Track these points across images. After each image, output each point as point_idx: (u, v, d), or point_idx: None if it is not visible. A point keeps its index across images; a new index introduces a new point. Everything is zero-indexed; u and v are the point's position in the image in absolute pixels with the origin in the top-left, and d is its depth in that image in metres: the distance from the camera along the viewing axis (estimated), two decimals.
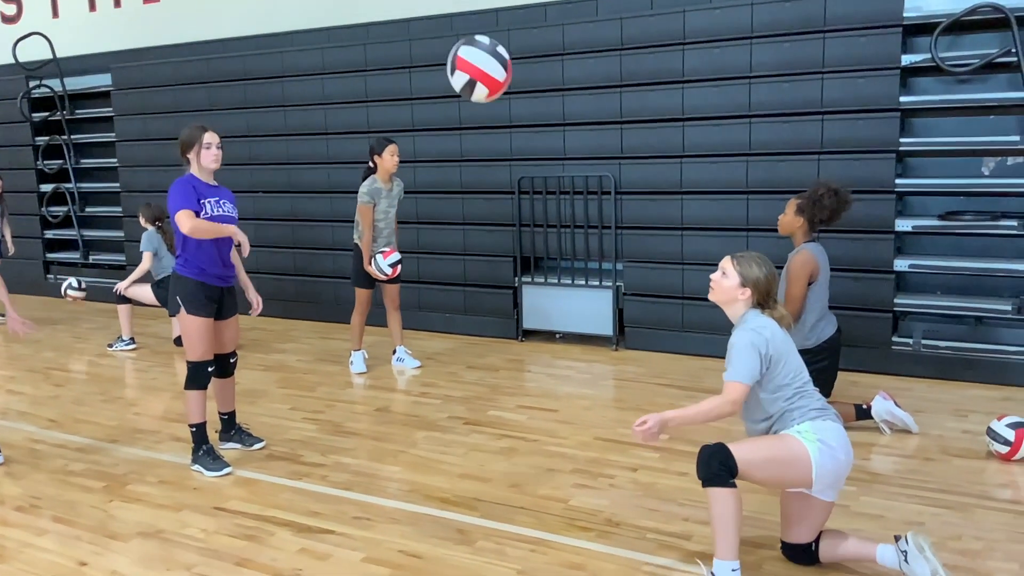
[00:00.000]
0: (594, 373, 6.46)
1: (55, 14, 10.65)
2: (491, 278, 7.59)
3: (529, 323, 7.42)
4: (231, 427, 4.91)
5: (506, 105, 7.29)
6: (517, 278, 7.44)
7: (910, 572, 3.03)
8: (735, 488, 3.03)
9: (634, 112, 6.82)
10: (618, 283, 7.03)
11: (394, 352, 6.68)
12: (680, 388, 5.85)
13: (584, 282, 7.12)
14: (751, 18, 6.28)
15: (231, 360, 4.77)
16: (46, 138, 10.48)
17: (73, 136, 10.36)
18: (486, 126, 7.44)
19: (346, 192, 7.82)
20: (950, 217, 5.92)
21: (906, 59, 5.90)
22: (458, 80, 4.35)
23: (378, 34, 8.28)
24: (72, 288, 7.95)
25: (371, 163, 6.26)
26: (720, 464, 3.02)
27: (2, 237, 8.80)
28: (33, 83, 10.35)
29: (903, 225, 6.00)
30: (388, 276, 6.23)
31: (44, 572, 3.51)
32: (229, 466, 4.53)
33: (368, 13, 8.39)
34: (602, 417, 5.30)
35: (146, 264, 7.25)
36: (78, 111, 10.36)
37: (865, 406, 4.83)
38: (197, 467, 4.56)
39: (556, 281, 7.26)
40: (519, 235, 7.37)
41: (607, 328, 7.07)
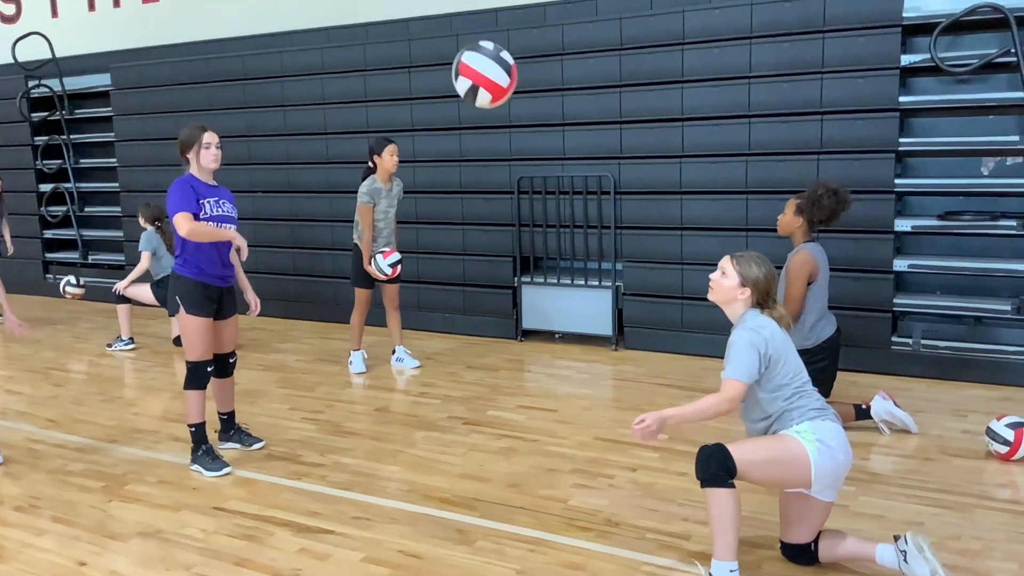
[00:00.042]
0: (593, 373, 6.46)
1: (54, 14, 10.64)
2: (490, 278, 7.59)
3: (528, 323, 7.42)
4: (230, 427, 4.90)
5: (505, 105, 7.23)
6: (516, 278, 7.43)
7: (909, 572, 3.03)
8: (734, 489, 3.03)
9: (633, 112, 6.82)
10: (617, 283, 7.03)
11: (393, 352, 6.67)
12: (680, 388, 5.85)
13: (583, 282, 7.12)
14: (750, 18, 6.28)
15: (230, 360, 4.77)
16: (45, 138, 10.48)
17: (72, 136, 10.35)
18: (485, 126, 7.44)
19: (345, 192, 7.82)
20: (949, 217, 5.92)
21: (905, 59, 5.91)
22: (461, 86, 4.40)
23: (377, 34, 8.28)
24: (71, 285, 7.95)
25: (370, 163, 6.26)
26: (719, 465, 3.02)
27: (1, 237, 8.81)
28: (32, 83, 10.34)
29: (902, 225, 6.01)
30: (388, 276, 6.23)
31: (43, 572, 3.51)
32: (228, 466, 4.53)
33: (367, 13, 8.39)
34: (601, 417, 5.30)
35: (144, 264, 7.25)
36: (77, 111, 10.36)
37: (864, 406, 4.83)
38: (196, 467, 4.55)
39: (556, 281, 7.26)
40: (518, 235, 7.36)
41: (606, 328, 7.07)
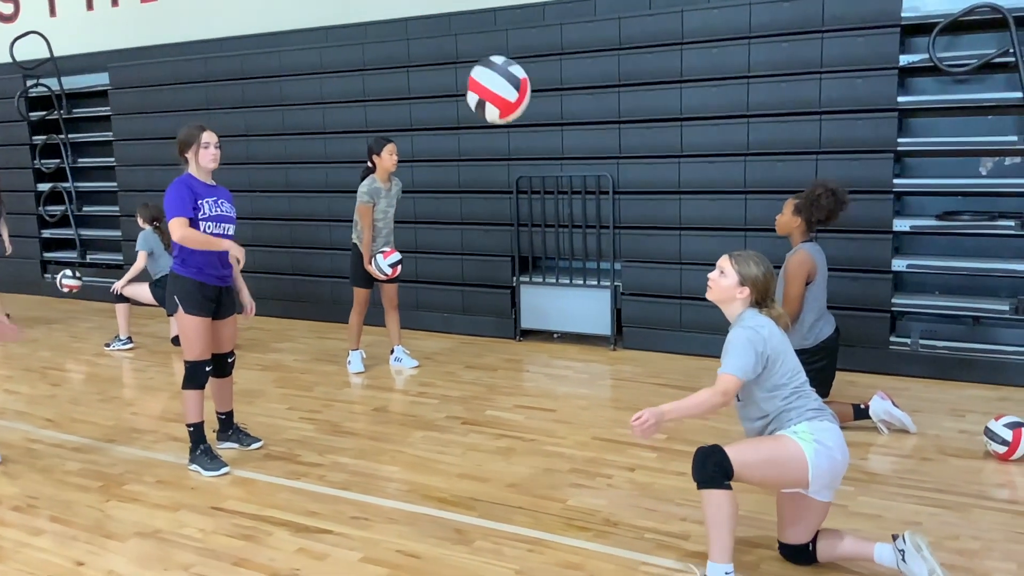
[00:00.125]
0: (592, 373, 6.46)
1: (52, 13, 10.63)
2: (489, 278, 7.58)
3: (527, 323, 7.42)
4: (229, 427, 4.90)
5: None
6: (515, 278, 7.43)
7: (907, 571, 3.03)
8: (730, 490, 3.02)
9: (632, 112, 6.82)
10: (616, 283, 7.03)
11: (392, 352, 6.67)
12: (678, 388, 5.85)
13: (582, 282, 7.12)
14: (749, 18, 6.28)
15: (229, 360, 4.77)
16: (43, 137, 10.47)
17: (70, 135, 10.34)
18: (484, 126, 7.33)
19: (344, 192, 7.81)
20: (948, 217, 5.93)
21: (904, 59, 5.91)
22: (470, 100, 4.48)
23: (376, 33, 8.27)
24: (67, 277, 8.02)
25: (369, 163, 6.25)
26: (715, 466, 3.02)
27: None
28: (30, 82, 10.33)
29: (901, 225, 6.01)
30: (388, 276, 6.23)
31: (41, 572, 3.50)
32: (227, 466, 4.52)
33: (366, 12, 8.39)
34: (600, 417, 5.30)
35: (140, 263, 7.25)
36: (75, 110, 10.35)
37: (863, 406, 4.84)
38: (195, 467, 4.55)
39: (554, 281, 7.25)
40: (517, 235, 7.36)
41: (605, 328, 7.07)
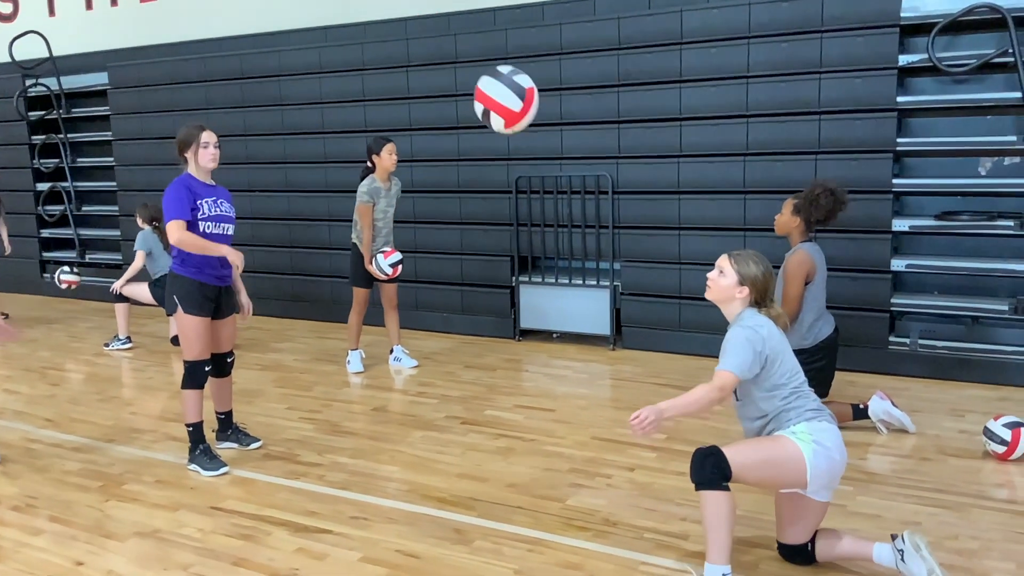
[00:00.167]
0: (591, 373, 6.46)
1: (52, 12, 10.63)
2: (488, 278, 7.58)
3: (526, 323, 7.42)
4: (228, 426, 4.90)
5: None
6: (514, 278, 7.43)
7: (906, 571, 3.03)
8: (728, 491, 3.02)
9: (631, 112, 6.82)
10: (615, 283, 7.03)
11: (391, 351, 6.67)
12: (677, 388, 5.84)
13: (581, 282, 7.12)
14: (748, 18, 6.28)
15: (228, 359, 4.76)
16: (42, 137, 10.47)
17: (69, 135, 10.34)
18: (483, 126, 7.38)
19: (343, 191, 7.81)
20: (947, 217, 5.93)
21: (903, 59, 5.91)
22: (477, 110, 4.50)
23: (375, 33, 8.27)
24: (65, 273, 8.09)
25: (369, 162, 6.25)
26: (713, 467, 3.01)
27: None
28: (29, 81, 10.32)
29: (900, 225, 6.01)
30: (389, 276, 6.23)
31: (40, 572, 3.50)
32: (226, 465, 4.52)
33: (365, 12, 8.39)
34: (599, 417, 5.30)
35: (138, 263, 7.26)
36: (74, 110, 10.35)
37: (862, 406, 4.84)
38: (194, 467, 4.55)
39: (553, 281, 7.25)
40: (516, 235, 7.36)
41: (604, 328, 7.07)
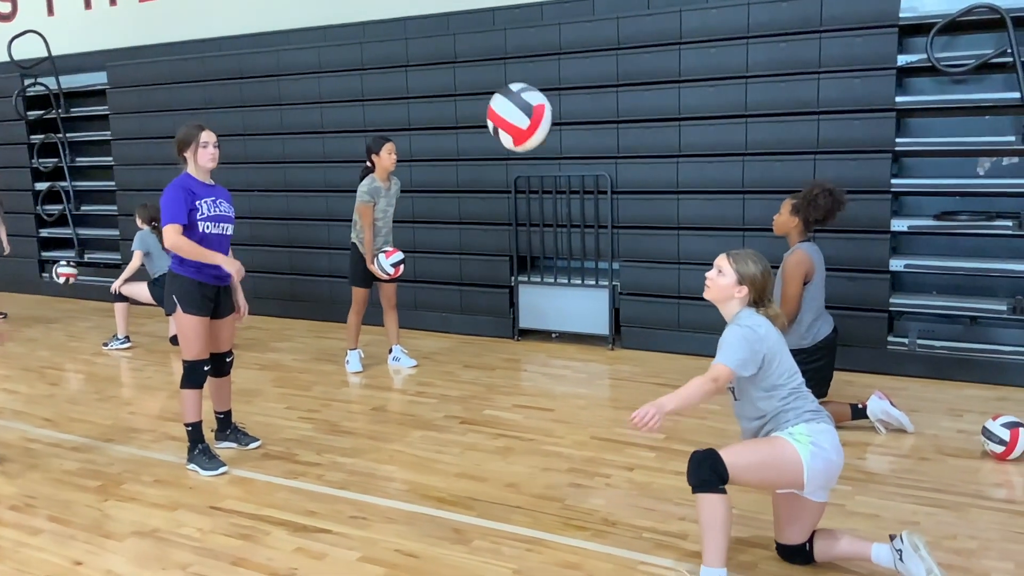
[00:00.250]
0: (590, 372, 6.46)
1: (50, 12, 10.62)
2: (487, 277, 7.58)
3: (525, 322, 7.42)
4: (227, 426, 4.90)
5: None
6: (513, 277, 7.43)
7: (905, 571, 3.03)
8: (725, 494, 3.02)
9: (630, 112, 6.82)
10: (614, 282, 7.03)
11: (390, 351, 6.67)
12: (676, 387, 5.83)
13: (580, 281, 7.12)
14: (747, 18, 6.28)
15: (227, 359, 4.76)
16: (41, 136, 10.45)
17: (68, 134, 10.33)
18: (482, 125, 7.37)
19: (342, 191, 7.82)
20: (946, 217, 5.93)
21: (902, 59, 5.91)
22: (489, 127, 4.47)
23: (374, 32, 8.26)
24: (63, 266, 8.14)
25: (368, 162, 6.25)
26: (710, 470, 3.01)
27: None
28: (28, 81, 10.31)
29: (899, 225, 6.02)
30: (390, 276, 6.23)
31: (39, 571, 3.50)
32: (225, 465, 4.52)
33: (364, 12, 8.38)
34: (598, 416, 5.30)
35: (136, 263, 7.27)
36: (73, 109, 10.34)
37: (861, 405, 4.84)
38: (193, 466, 4.55)
39: (552, 280, 7.26)
40: (515, 234, 7.36)
41: (603, 327, 7.07)
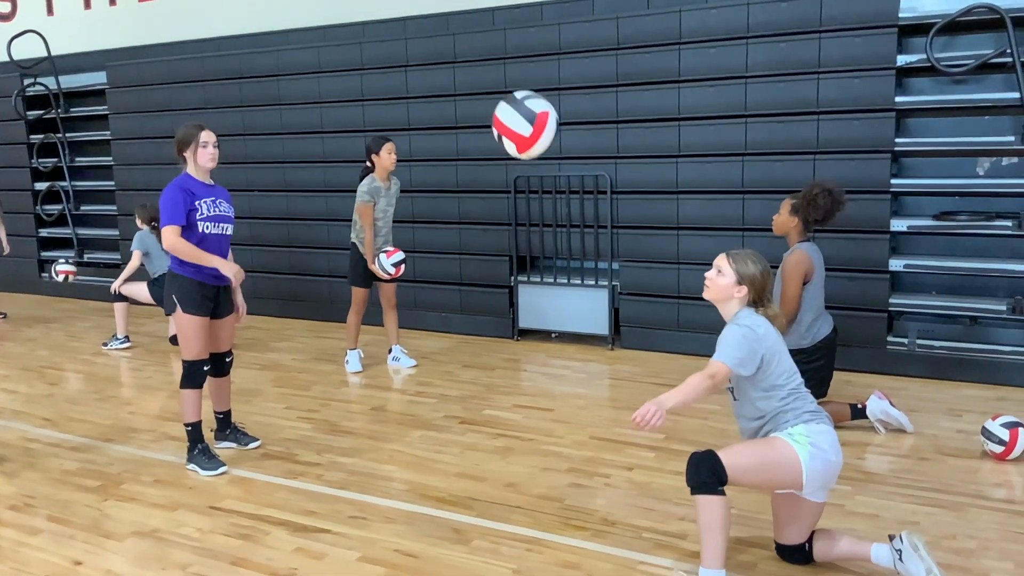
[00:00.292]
0: (590, 372, 6.46)
1: (50, 11, 10.62)
2: (487, 277, 7.58)
3: (525, 322, 7.42)
4: (227, 426, 4.90)
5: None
6: (513, 277, 7.43)
7: (904, 571, 3.04)
8: (724, 496, 3.01)
9: (630, 112, 6.82)
10: (614, 282, 7.03)
11: (390, 351, 6.67)
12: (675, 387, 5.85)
13: (580, 281, 7.12)
14: (747, 18, 6.28)
15: (227, 359, 4.77)
16: (41, 136, 10.45)
17: (68, 134, 10.33)
18: (482, 125, 7.38)
19: (342, 191, 7.82)
20: (945, 217, 5.94)
21: (901, 59, 5.91)
22: (494, 135, 4.48)
23: (374, 33, 8.26)
24: (61, 264, 8.17)
25: (368, 162, 6.25)
26: (709, 472, 3.01)
27: None
28: (28, 81, 10.31)
29: (898, 225, 6.02)
30: (391, 276, 6.23)
31: (38, 571, 3.50)
32: (224, 465, 4.52)
33: (364, 12, 8.38)
34: (598, 416, 5.31)
35: (135, 263, 7.28)
36: (73, 109, 10.34)
37: (860, 405, 4.84)
38: (192, 466, 4.55)
39: (552, 280, 7.26)
40: (515, 234, 7.36)
41: (603, 327, 7.07)
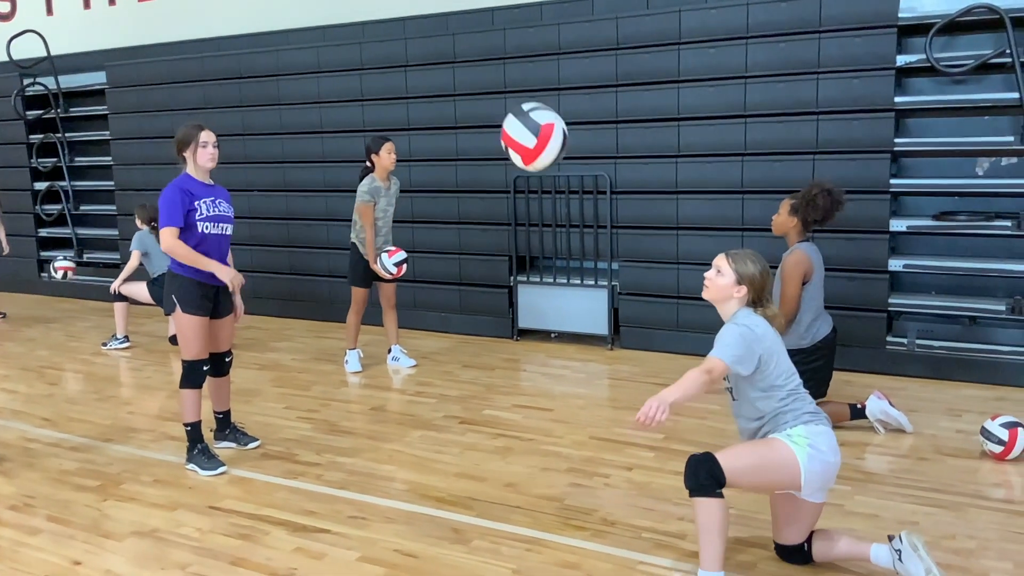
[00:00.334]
0: (589, 372, 6.46)
1: (49, 11, 10.61)
2: (487, 277, 7.58)
3: (524, 322, 7.42)
4: (226, 426, 4.90)
5: (502, 104, 7.27)
6: (513, 277, 7.43)
7: (904, 571, 3.04)
8: (722, 498, 3.01)
9: (630, 112, 6.82)
10: (613, 282, 7.03)
11: (389, 351, 6.67)
12: None
13: (580, 281, 7.12)
14: (746, 18, 6.29)
15: (226, 359, 4.77)
16: (40, 136, 10.45)
17: (67, 134, 10.33)
18: (482, 125, 7.43)
19: (341, 191, 7.82)
20: (944, 217, 5.94)
21: (901, 59, 5.92)
22: (503, 147, 4.49)
23: (373, 33, 8.26)
24: (60, 260, 8.22)
25: (368, 162, 6.25)
26: (707, 474, 3.01)
27: None
28: (27, 81, 10.31)
29: (898, 225, 6.02)
30: (394, 275, 6.23)
31: (38, 571, 3.50)
32: (224, 465, 4.52)
33: (364, 11, 8.38)
34: (597, 416, 5.31)
35: (133, 263, 7.30)
36: (72, 109, 10.33)
37: (859, 405, 4.84)
38: (192, 466, 4.55)
39: (552, 280, 7.26)
40: (515, 234, 7.36)
41: (602, 327, 7.07)
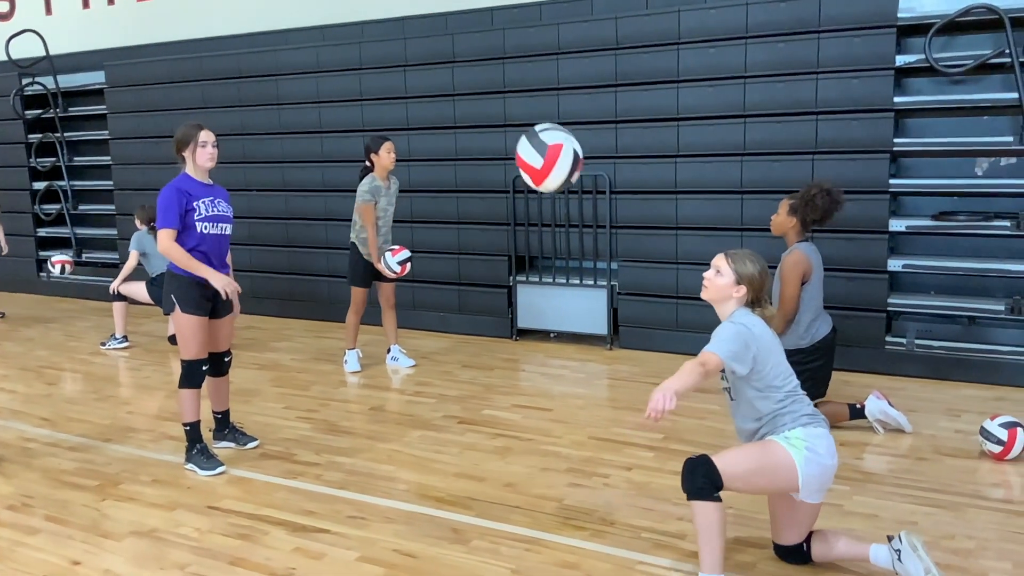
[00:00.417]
0: (588, 372, 6.46)
1: (48, 11, 10.61)
2: (486, 277, 7.58)
3: (524, 322, 7.42)
4: (225, 426, 4.90)
5: (501, 104, 7.29)
6: (512, 277, 7.43)
7: (903, 571, 3.04)
8: (720, 502, 3.01)
9: (629, 112, 6.82)
10: (613, 282, 7.03)
11: (388, 351, 6.67)
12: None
13: (579, 281, 7.12)
14: (746, 18, 6.29)
15: (225, 359, 4.76)
16: (39, 135, 10.44)
17: (66, 134, 10.32)
18: (481, 125, 7.43)
19: (341, 191, 7.82)
20: (944, 217, 5.94)
21: (900, 59, 5.92)
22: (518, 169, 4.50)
23: (372, 32, 8.26)
24: (57, 254, 8.27)
25: (368, 162, 6.25)
26: (704, 477, 3.00)
27: None
28: (26, 80, 10.30)
29: (897, 225, 6.02)
30: (398, 274, 6.23)
31: (37, 571, 3.49)
32: (223, 465, 4.52)
33: (363, 11, 8.38)
34: (596, 416, 5.31)
35: (132, 262, 7.29)
36: (71, 108, 10.32)
37: (859, 405, 4.84)
38: (191, 466, 4.55)
39: (551, 280, 7.26)
40: (514, 234, 7.36)
41: (602, 327, 7.07)
